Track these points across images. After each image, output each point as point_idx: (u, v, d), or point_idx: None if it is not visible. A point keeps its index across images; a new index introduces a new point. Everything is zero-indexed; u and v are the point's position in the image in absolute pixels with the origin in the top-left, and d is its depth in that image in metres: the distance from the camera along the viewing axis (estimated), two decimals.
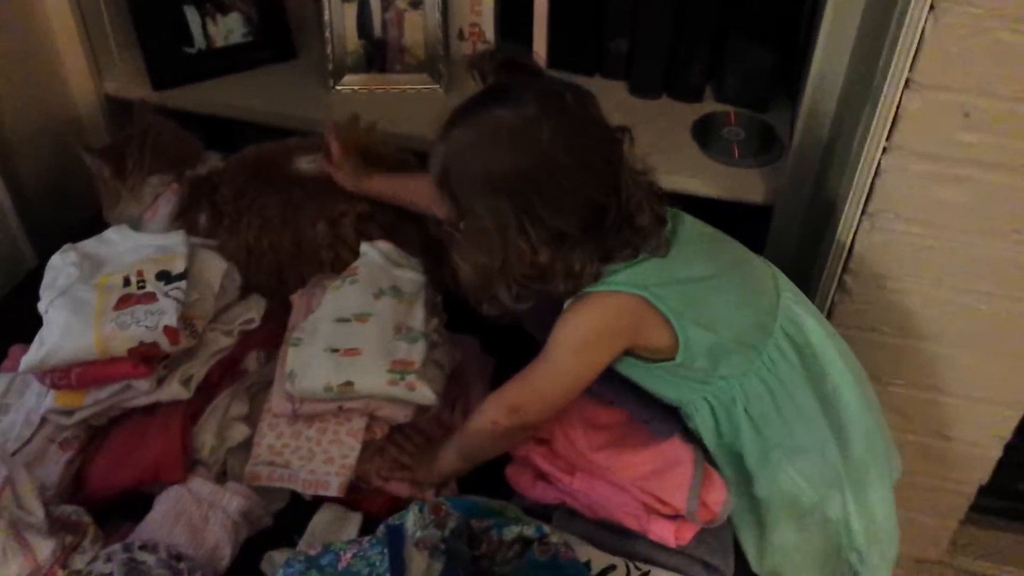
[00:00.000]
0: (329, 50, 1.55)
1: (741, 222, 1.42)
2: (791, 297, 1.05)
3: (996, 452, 1.32)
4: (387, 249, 1.22)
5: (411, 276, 1.20)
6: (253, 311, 1.16)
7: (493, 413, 1.03)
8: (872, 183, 1.10)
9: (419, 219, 1.27)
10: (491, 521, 0.96)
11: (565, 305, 1.00)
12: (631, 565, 1.02)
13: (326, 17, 1.53)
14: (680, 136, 1.51)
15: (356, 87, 1.58)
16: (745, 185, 1.42)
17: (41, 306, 1.08)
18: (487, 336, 1.26)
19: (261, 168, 1.32)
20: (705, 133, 1.50)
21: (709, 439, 1.04)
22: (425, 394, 1.07)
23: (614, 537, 1.05)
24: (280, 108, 1.56)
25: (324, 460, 1.07)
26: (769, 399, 1.02)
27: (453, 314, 1.24)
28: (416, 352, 1.10)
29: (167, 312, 1.05)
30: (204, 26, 1.57)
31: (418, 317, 1.15)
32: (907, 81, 1.01)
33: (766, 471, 1.05)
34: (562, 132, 0.92)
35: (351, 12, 1.54)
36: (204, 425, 1.09)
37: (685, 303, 0.98)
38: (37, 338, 1.05)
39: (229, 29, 1.59)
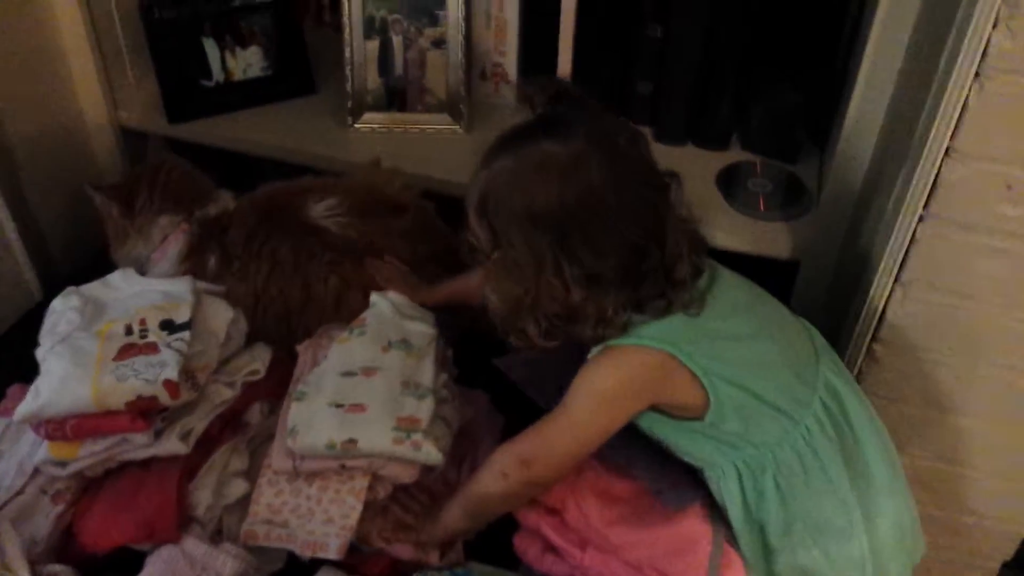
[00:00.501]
0: (349, 87, 1.52)
1: (766, 278, 1.38)
2: (831, 367, 1.01)
3: (1022, 529, 1.26)
4: (398, 300, 1.19)
5: (422, 329, 1.16)
6: (258, 362, 1.12)
7: (502, 465, 0.99)
8: (907, 251, 1.05)
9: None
10: None
11: (589, 356, 0.96)
12: None
13: (347, 54, 1.50)
14: (704, 186, 1.46)
15: (375, 125, 1.54)
16: (771, 239, 1.37)
17: (39, 353, 1.05)
18: (498, 392, 1.22)
19: (273, 212, 1.28)
20: (730, 183, 1.46)
21: (733, 506, 0.99)
22: (431, 454, 1.03)
23: None
24: (297, 145, 1.53)
25: (324, 520, 1.03)
26: (801, 472, 0.98)
27: (464, 368, 1.20)
28: (424, 410, 1.06)
29: (168, 365, 1.01)
30: (223, 59, 1.55)
31: (427, 372, 1.11)
32: (947, 149, 0.96)
33: (787, 545, 1.00)
34: (611, 171, 0.89)
35: (373, 50, 1.51)
36: (202, 481, 1.05)
37: (717, 360, 0.94)
38: (33, 387, 1.02)
39: (248, 63, 1.56)
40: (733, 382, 0.94)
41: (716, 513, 1.02)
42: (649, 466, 1.05)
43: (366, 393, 1.06)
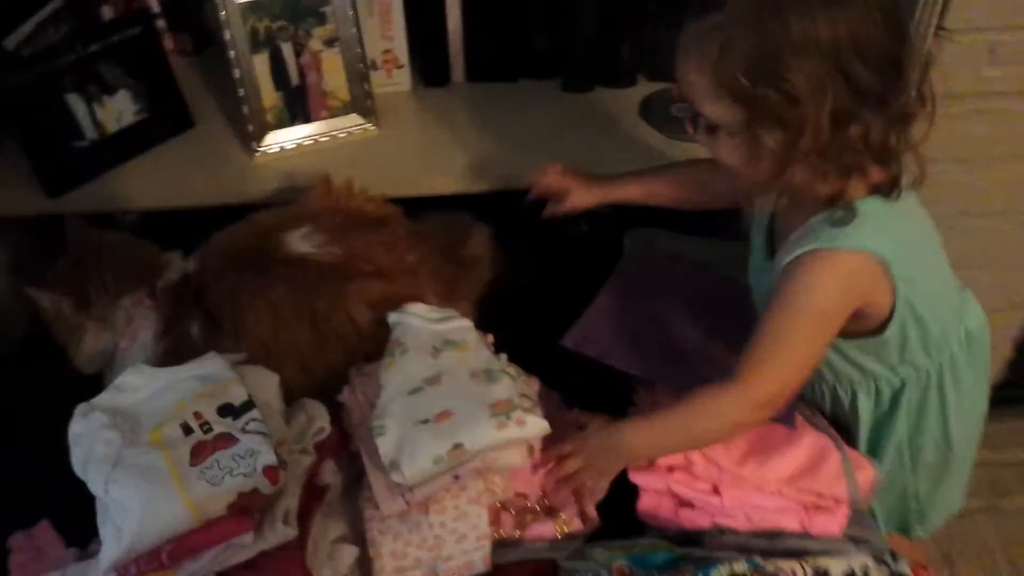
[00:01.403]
0: (245, 109, 1.39)
1: None
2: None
3: (1009, 353, 1.42)
4: (418, 310, 1.12)
5: (457, 324, 1.11)
6: (319, 418, 1.03)
7: (737, 414, 0.96)
8: None
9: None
10: (691, 568, 0.90)
11: (785, 262, 0.94)
12: (804, 566, 1.00)
13: (236, 74, 1.37)
14: (632, 122, 1.49)
15: (284, 144, 1.43)
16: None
17: (95, 488, 0.90)
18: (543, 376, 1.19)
19: (248, 257, 1.16)
20: (654, 114, 1.49)
21: (863, 422, 1.03)
22: (538, 423, 0.99)
23: (770, 542, 1.03)
24: (204, 185, 1.39)
25: (456, 540, 0.98)
26: (937, 397, 1.05)
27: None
28: (506, 389, 1.01)
29: (260, 451, 0.90)
30: (92, 113, 1.36)
31: (487, 357, 1.07)
32: (936, 28, 1.03)
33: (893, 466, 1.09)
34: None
35: (263, 64, 1.39)
36: (313, 561, 0.96)
37: (914, 271, 0.95)
38: (109, 526, 0.87)
39: (119, 110, 1.39)
40: (913, 301, 0.96)
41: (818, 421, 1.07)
42: None
43: (443, 399, 1.00)
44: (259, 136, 1.42)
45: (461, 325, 1.10)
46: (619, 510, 1.07)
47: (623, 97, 1.53)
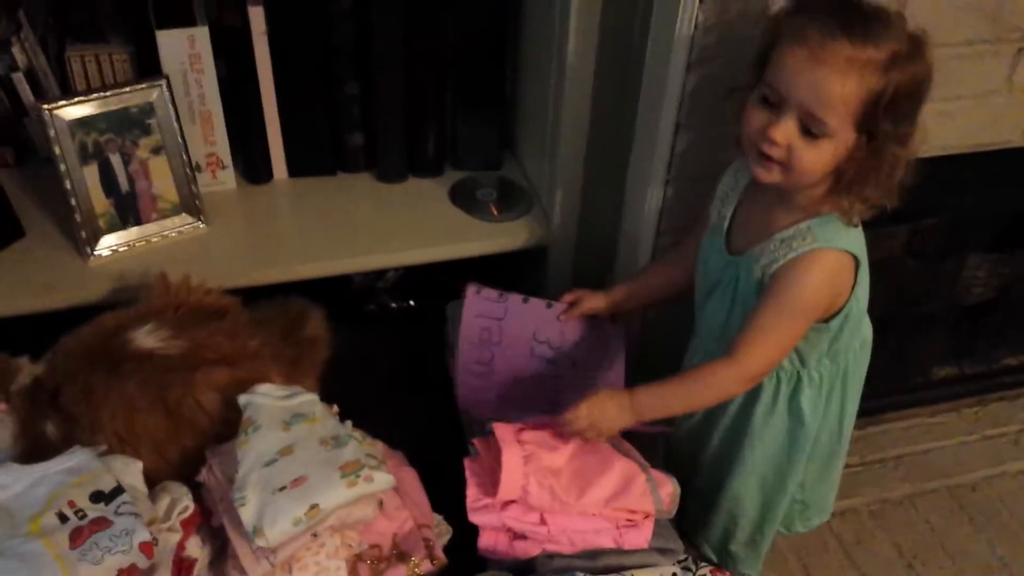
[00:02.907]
0: (77, 217, 1.47)
1: (521, 270, 1.65)
2: None
3: None
4: (266, 390, 1.23)
5: (303, 399, 1.23)
6: (184, 498, 1.12)
7: (732, 386, 1.17)
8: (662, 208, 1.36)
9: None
10: None
11: (779, 263, 1.11)
12: None
13: (67, 184, 1.45)
14: (444, 207, 1.67)
15: (117, 247, 1.51)
16: (517, 235, 1.62)
17: None
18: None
19: (96, 356, 1.24)
20: (462, 199, 1.68)
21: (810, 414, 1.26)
22: (384, 478, 1.12)
23: (591, 561, 1.20)
24: (41, 292, 1.44)
25: None
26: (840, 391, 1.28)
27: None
28: (352, 452, 1.14)
29: (135, 529, 0.99)
30: None
31: (335, 425, 1.19)
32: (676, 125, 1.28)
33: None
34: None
35: (92, 174, 1.48)
36: None
37: (863, 276, 1.15)
38: None
39: None
40: (859, 299, 1.17)
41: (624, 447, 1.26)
42: None
43: (297, 467, 1.12)
44: (92, 241, 1.49)
45: (308, 399, 1.22)
46: (461, 550, 1.22)
47: (433, 185, 1.72)
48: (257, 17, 1.52)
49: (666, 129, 1.30)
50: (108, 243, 1.51)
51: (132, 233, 1.53)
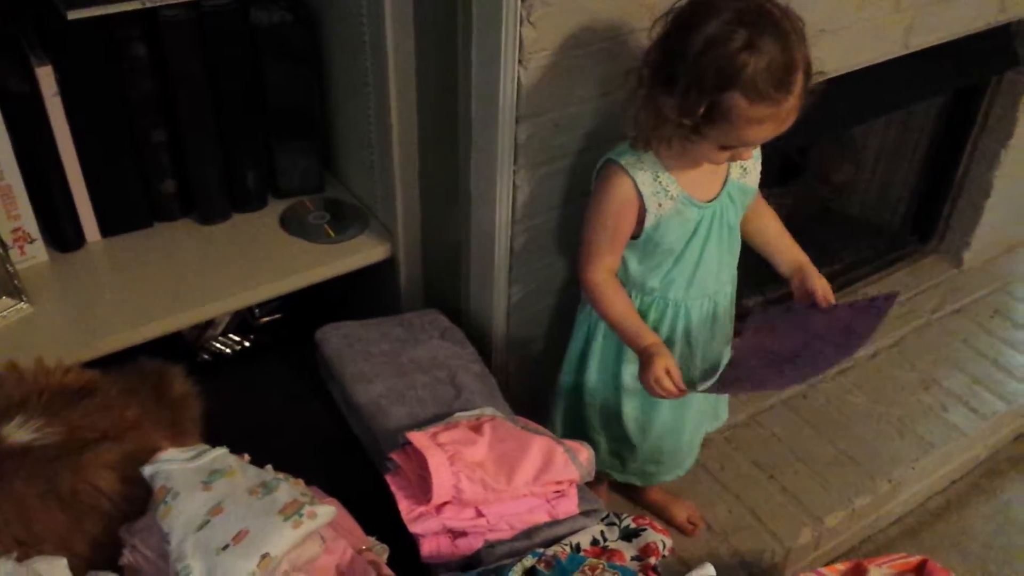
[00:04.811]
0: None
1: (368, 286, 1.67)
2: None
3: None
4: (170, 454, 1.18)
5: (213, 455, 1.18)
6: None
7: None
8: (513, 195, 1.43)
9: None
10: None
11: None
12: (565, 547, 1.24)
13: None
14: (277, 238, 1.64)
15: None
16: (362, 252, 1.63)
17: None
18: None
19: None
20: (295, 227, 1.66)
21: None
22: (326, 510, 1.11)
23: (529, 540, 1.25)
24: None
25: None
26: None
27: None
28: (286, 493, 1.11)
29: None
30: None
31: (255, 472, 1.16)
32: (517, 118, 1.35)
33: None
34: None
35: None
36: None
37: None
38: None
39: None
40: None
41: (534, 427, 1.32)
42: None
43: (234, 522, 1.07)
44: None
45: (218, 454, 1.18)
46: (400, 564, 1.23)
47: (259, 218, 1.68)
48: (47, 78, 1.42)
49: (506, 121, 1.36)
50: None
51: None
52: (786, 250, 1.46)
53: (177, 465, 1.15)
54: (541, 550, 1.14)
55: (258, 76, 1.59)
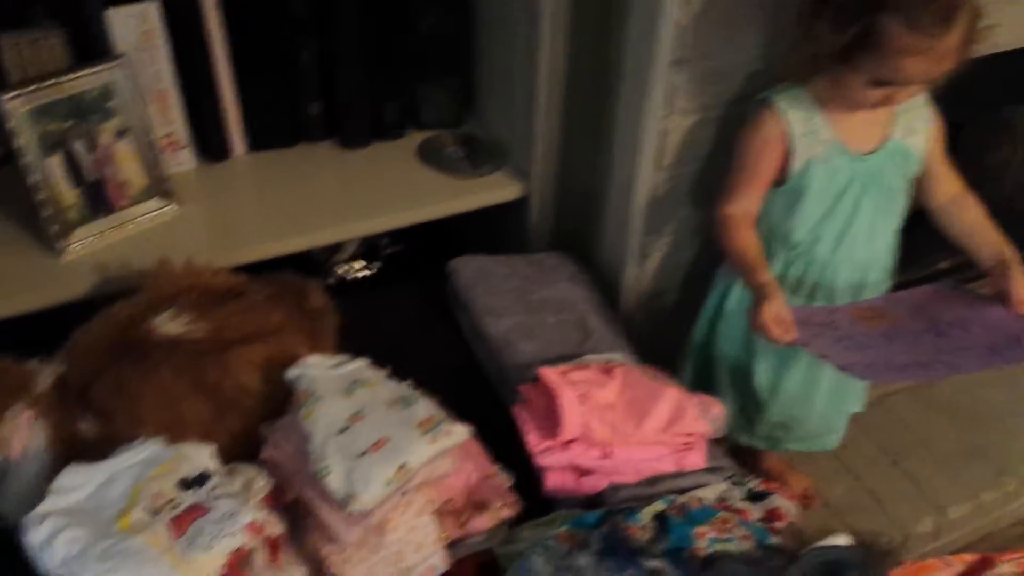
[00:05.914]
0: (47, 212, 1.37)
1: (503, 222, 1.66)
2: None
3: None
4: (315, 360, 1.20)
5: (355, 365, 1.20)
6: (258, 478, 1.07)
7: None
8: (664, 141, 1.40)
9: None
10: (620, 518, 1.08)
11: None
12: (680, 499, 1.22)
13: (33, 179, 1.35)
14: (415, 169, 1.65)
15: (90, 239, 1.42)
16: (497, 189, 1.62)
17: None
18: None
19: (119, 348, 1.16)
20: (432, 159, 1.66)
21: None
22: (461, 430, 1.12)
23: (651, 488, 1.23)
24: (16, 293, 1.34)
25: (415, 550, 1.08)
26: None
27: None
28: (425, 408, 1.13)
29: (237, 511, 0.94)
30: None
31: (395, 386, 1.18)
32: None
33: None
34: None
35: (57, 165, 1.37)
36: None
37: None
38: None
39: None
40: None
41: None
42: None
43: (373, 431, 1.09)
44: (64, 235, 1.39)
45: (359, 365, 1.19)
46: (522, 495, 1.23)
47: (397, 147, 1.69)
48: None
49: (663, 63, 1.33)
50: (80, 236, 1.41)
51: (104, 223, 1.43)
52: (988, 243, 1.34)
53: (320, 371, 1.17)
54: (673, 496, 1.13)
55: (411, 7, 1.59)
